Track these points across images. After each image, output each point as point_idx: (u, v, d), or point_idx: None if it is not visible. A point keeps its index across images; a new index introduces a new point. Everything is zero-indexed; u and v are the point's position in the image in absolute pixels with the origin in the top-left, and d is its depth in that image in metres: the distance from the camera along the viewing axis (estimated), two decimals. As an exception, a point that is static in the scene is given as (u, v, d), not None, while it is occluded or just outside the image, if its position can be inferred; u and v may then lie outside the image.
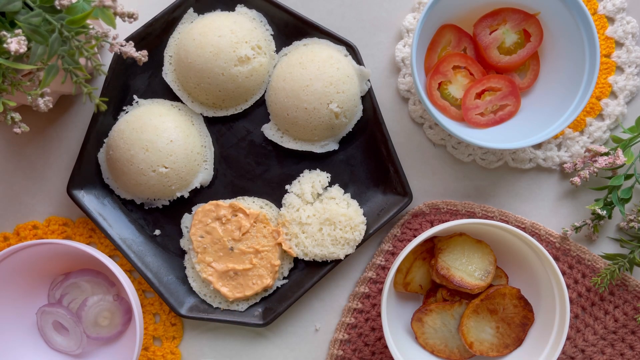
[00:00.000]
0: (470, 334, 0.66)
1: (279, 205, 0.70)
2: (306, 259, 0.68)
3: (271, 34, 0.68)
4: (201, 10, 0.67)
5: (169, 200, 0.69)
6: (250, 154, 0.69)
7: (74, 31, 0.51)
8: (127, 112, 0.68)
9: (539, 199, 0.72)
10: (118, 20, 0.54)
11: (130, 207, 0.70)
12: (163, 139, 0.64)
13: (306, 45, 0.68)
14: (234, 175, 0.70)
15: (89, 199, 0.68)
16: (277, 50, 0.69)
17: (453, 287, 0.66)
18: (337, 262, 0.69)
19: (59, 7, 0.50)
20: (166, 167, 0.65)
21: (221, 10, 0.68)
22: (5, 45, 0.48)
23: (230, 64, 0.64)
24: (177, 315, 0.69)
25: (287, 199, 0.69)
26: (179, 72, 0.67)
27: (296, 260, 0.70)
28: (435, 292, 0.69)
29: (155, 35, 0.67)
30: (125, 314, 0.69)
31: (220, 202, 0.68)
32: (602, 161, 0.67)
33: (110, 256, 0.69)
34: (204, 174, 0.68)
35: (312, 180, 0.69)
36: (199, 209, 0.68)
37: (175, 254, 0.70)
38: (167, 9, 0.66)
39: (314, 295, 0.72)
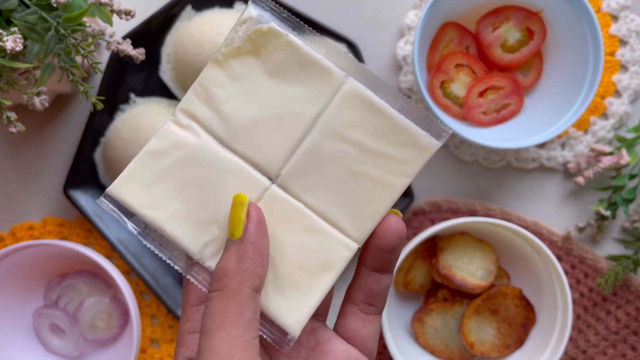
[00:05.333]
0: (471, 335, 0.66)
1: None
2: None
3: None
4: (199, 7, 0.67)
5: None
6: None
7: (70, 29, 0.51)
8: (124, 111, 0.67)
9: (542, 199, 0.71)
10: (115, 18, 0.54)
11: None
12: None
13: (306, 43, 0.67)
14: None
15: (86, 200, 0.67)
16: (277, 48, 0.68)
17: (454, 287, 0.65)
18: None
19: (55, 5, 0.49)
20: (164, 167, 0.64)
21: (220, 8, 0.67)
22: (1, 43, 0.47)
23: (229, 62, 0.63)
24: (175, 317, 0.68)
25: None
26: (177, 70, 0.66)
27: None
28: (436, 291, 0.68)
29: (152, 33, 0.66)
30: (122, 316, 0.68)
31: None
32: (606, 161, 0.67)
33: (107, 257, 0.69)
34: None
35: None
36: None
37: (173, 255, 0.70)
38: (164, 6, 0.65)
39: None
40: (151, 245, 0.35)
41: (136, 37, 0.65)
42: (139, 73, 0.68)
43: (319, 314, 0.38)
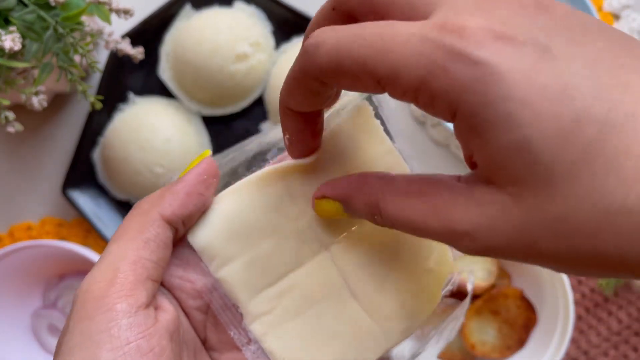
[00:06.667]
0: (472, 336, 0.66)
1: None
2: None
3: (270, 31, 0.67)
4: (199, 6, 0.66)
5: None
6: (249, 154, 0.69)
7: (68, 28, 0.51)
8: (123, 111, 0.67)
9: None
10: (114, 16, 0.54)
11: (126, 208, 0.69)
12: (159, 138, 0.63)
13: (306, 42, 0.66)
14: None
15: (85, 200, 0.67)
16: (277, 47, 0.67)
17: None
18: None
19: (53, 4, 0.49)
20: (162, 167, 0.64)
21: (219, 7, 0.67)
22: (-1, 42, 0.47)
23: (228, 61, 0.63)
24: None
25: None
26: (176, 69, 0.65)
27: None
28: (436, 293, 0.68)
29: (151, 32, 0.66)
30: (121, 317, 0.68)
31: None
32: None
33: (106, 257, 0.68)
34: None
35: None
36: None
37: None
38: (164, 5, 0.65)
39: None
40: None
41: (135, 36, 0.64)
42: (138, 72, 0.67)
43: None
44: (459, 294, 0.67)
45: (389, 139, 0.35)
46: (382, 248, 0.34)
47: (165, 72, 0.67)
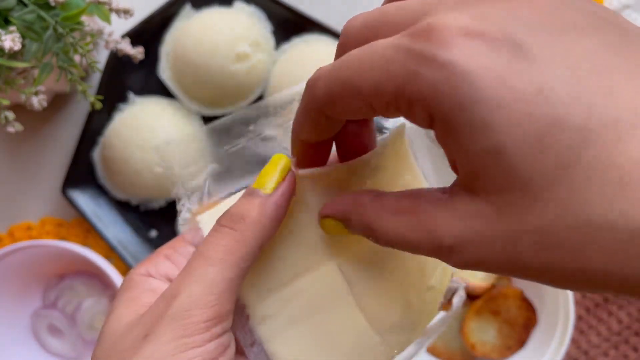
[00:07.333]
0: (472, 336, 0.66)
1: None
2: None
3: (270, 31, 0.67)
4: (199, 6, 0.66)
5: (166, 201, 0.68)
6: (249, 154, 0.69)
7: (68, 28, 0.51)
8: (122, 111, 0.67)
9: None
10: (114, 16, 0.54)
11: (126, 208, 0.69)
12: (159, 138, 0.63)
13: (306, 42, 0.66)
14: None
15: (84, 200, 0.67)
16: (276, 47, 0.67)
17: (455, 288, 0.65)
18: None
19: (53, 4, 0.49)
20: (162, 167, 0.64)
21: (219, 6, 0.67)
22: (-2, 42, 0.47)
23: (228, 61, 0.63)
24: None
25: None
26: (176, 69, 0.65)
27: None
28: (436, 293, 0.68)
29: (151, 32, 0.66)
30: (121, 317, 0.68)
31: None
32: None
33: (106, 257, 0.68)
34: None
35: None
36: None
37: (172, 256, 0.69)
38: (164, 5, 0.65)
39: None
40: None
41: (135, 36, 0.64)
42: (138, 72, 0.67)
43: None
44: (450, 304, 0.67)
45: (414, 160, 0.36)
46: (388, 262, 0.34)
47: (165, 72, 0.67)
